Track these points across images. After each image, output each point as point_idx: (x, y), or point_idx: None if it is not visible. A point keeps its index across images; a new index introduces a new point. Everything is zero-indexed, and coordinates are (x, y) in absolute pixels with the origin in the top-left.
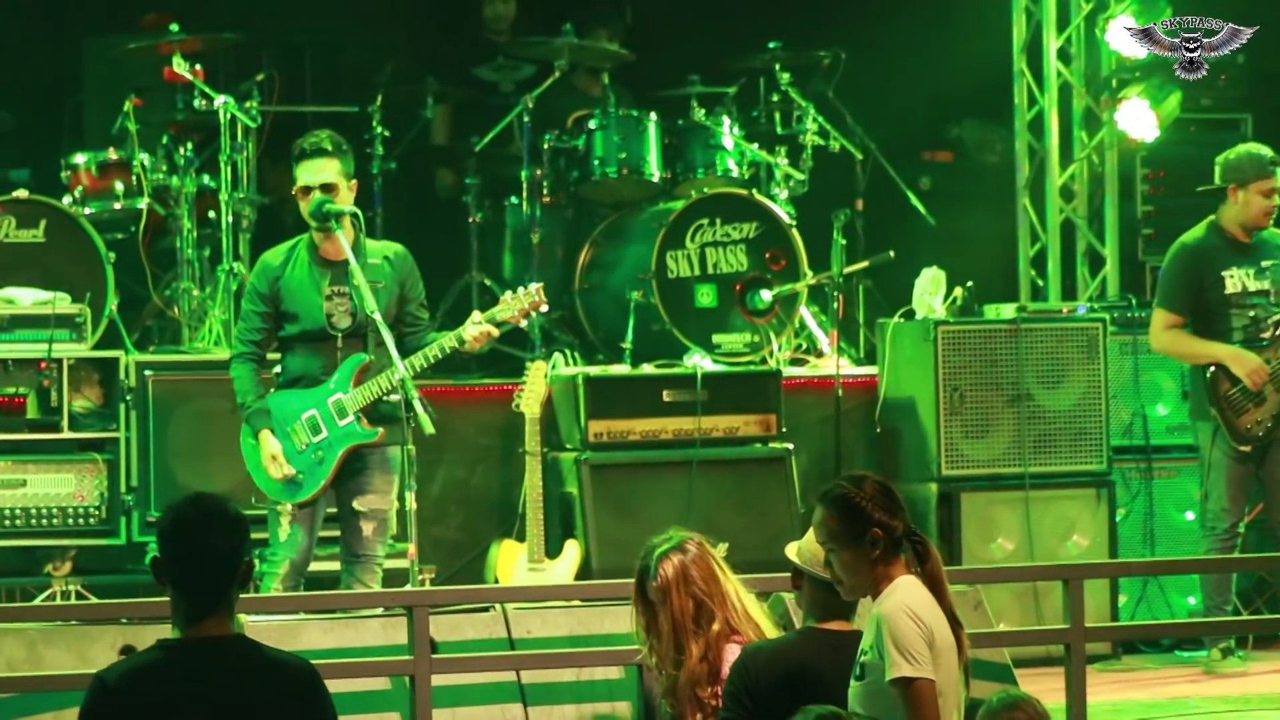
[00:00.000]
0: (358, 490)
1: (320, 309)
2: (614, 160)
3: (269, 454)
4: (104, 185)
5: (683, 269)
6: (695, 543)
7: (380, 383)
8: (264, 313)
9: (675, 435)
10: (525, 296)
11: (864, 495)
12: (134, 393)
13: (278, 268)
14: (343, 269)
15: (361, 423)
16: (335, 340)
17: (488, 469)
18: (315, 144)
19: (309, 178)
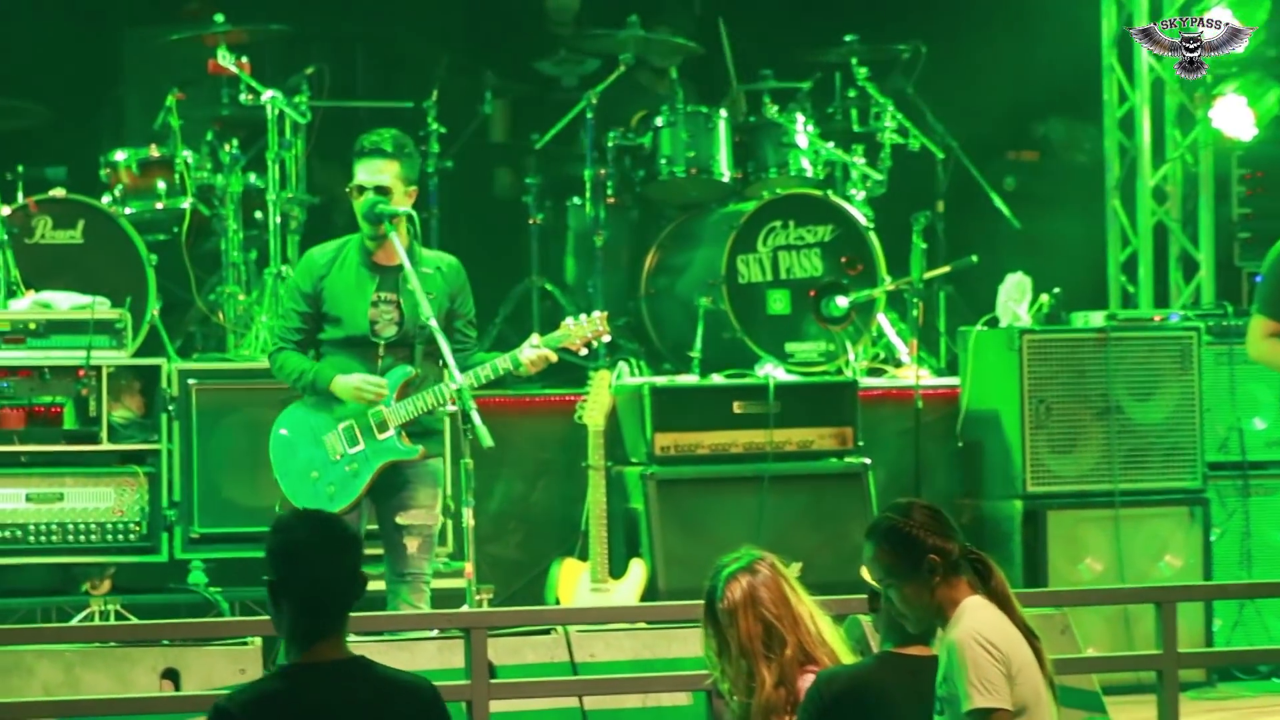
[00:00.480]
0: (400, 505)
1: (365, 315)
2: (682, 159)
3: (356, 382)
4: (145, 184)
5: (754, 274)
6: (766, 563)
7: (426, 398)
8: (305, 313)
9: (746, 449)
10: (588, 325)
11: (914, 523)
12: (176, 402)
13: (324, 266)
14: (393, 275)
15: (403, 439)
16: (378, 349)
17: (549, 484)
18: (375, 143)
19: (365, 176)
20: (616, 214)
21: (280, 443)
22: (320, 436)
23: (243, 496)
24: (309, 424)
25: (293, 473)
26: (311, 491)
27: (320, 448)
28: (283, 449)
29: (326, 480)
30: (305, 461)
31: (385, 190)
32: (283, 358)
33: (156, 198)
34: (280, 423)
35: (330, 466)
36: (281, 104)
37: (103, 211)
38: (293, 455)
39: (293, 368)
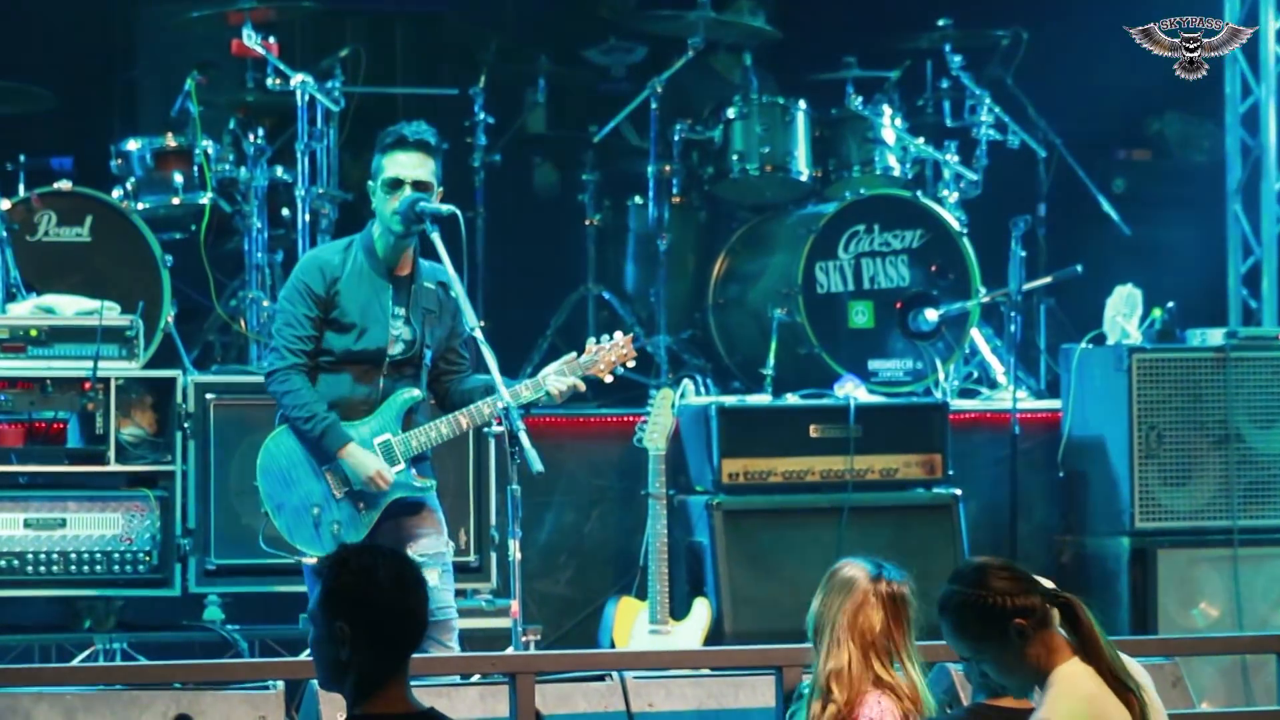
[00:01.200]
0: (407, 537)
1: (385, 327)
2: (755, 155)
3: (371, 471)
4: (160, 177)
5: (834, 283)
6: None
7: (440, 429)
8: (316, 318)
9: (823, 477)
10: (612, 348)
11: (992, 591)
12: (193, 419)
13: (337, 267)
14: (405, 285)
15: (413, 472)
16: (381, 368)
17: (604, 514)
18: (418, 133)
19: (404, 170)
20: (682, 215)
21: (273, 474)
22: (320, 469)
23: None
24: (304, 453)
25: (289, 508)
26: (312, 530)
27: (320, 481)
28: (276, 480)
29: (330, 518)
30: (304, 496)
31: (426, 186)
32: (295, 381)
33: (173, 192)
34: (272, 450)
35: (334, 503)
36: (312, 90)
37: (113, 207)
38: (288, 488)
39: (303, 402)
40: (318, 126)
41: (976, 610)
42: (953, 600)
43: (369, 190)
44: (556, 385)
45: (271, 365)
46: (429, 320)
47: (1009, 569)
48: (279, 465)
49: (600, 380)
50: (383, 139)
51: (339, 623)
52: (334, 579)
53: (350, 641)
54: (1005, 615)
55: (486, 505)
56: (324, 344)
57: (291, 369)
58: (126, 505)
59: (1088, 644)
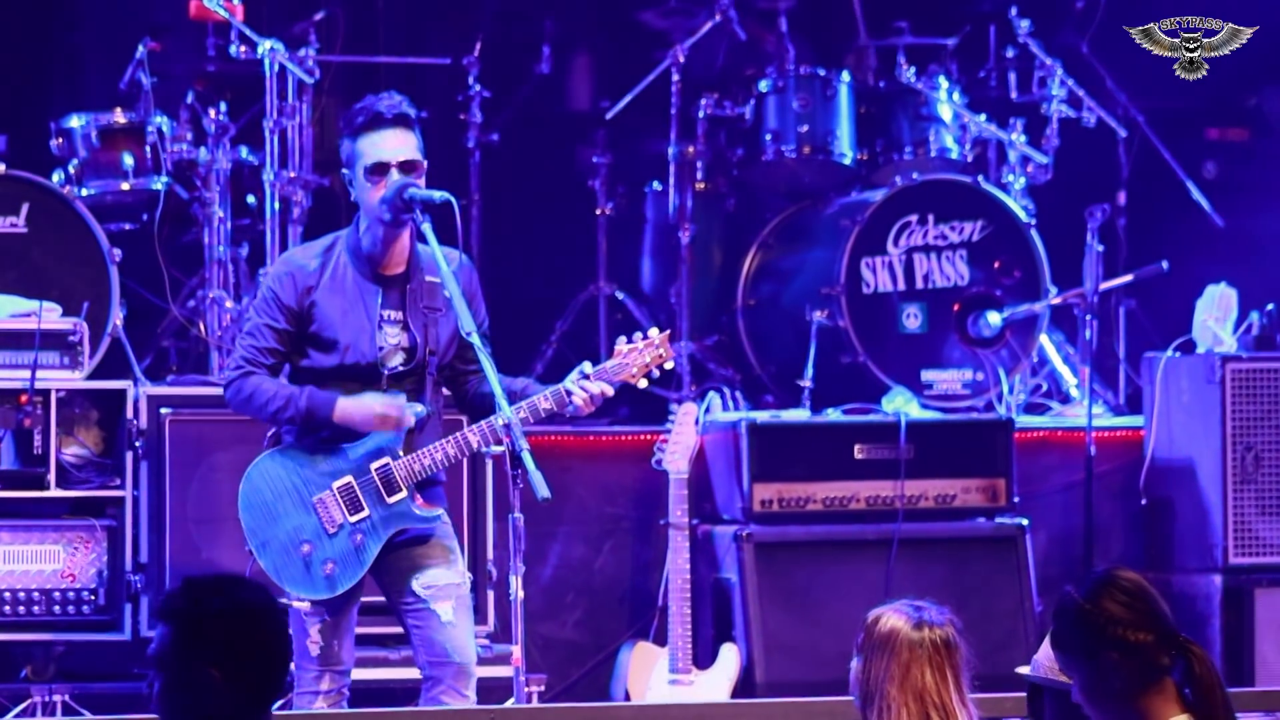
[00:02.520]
0: (413, 567)
1: (371, 338)
2: (792, 134)
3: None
4: (108, 158)
5: (883, 282)
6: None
7: (447, 448)
8: (285, 332)
9: (870, 505)
10: (646, 349)
11: (1101, 610)
12: (145, 437)
13: (313, 274)
14: (398, 285)
15: (416, 500)
16: (380, 383)
17: (617, 546)
18: (395, 108)
19: (385, 152)
20: (708, 204)
21: (256, 507)
22: (309, 500)
23: (228, 558)
24: (292, 483)
25: (276, 545)
26: (303, 569)
27: (310, 515)
28: (260, 515)
29: (322, 556)
30: (292, 532)
31: (414, 167)
32: (254, 383)
33: (122, 176)
34: (254, 479)
35: (326, 539)
36: (282, 58)
37: (53, 192)
38: (273, 523)
39: (269, 394)
40: (288, 101)
41: (1076, 622)
42: (1061, 602)
43: (345, 180)
44: (585, 392)
45: (226, 376)
46: (432, 321)
47: (1135, 594)
48: (263, 498)
49: (633, 387)
50: (352, 120)
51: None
52: (196, 617)
53: (218, 690)
54: (1103, 641)
55: (483, 536)
56: (304, 362)
57: (247, 374)
58: (69, 536)
59: (1205, 704)
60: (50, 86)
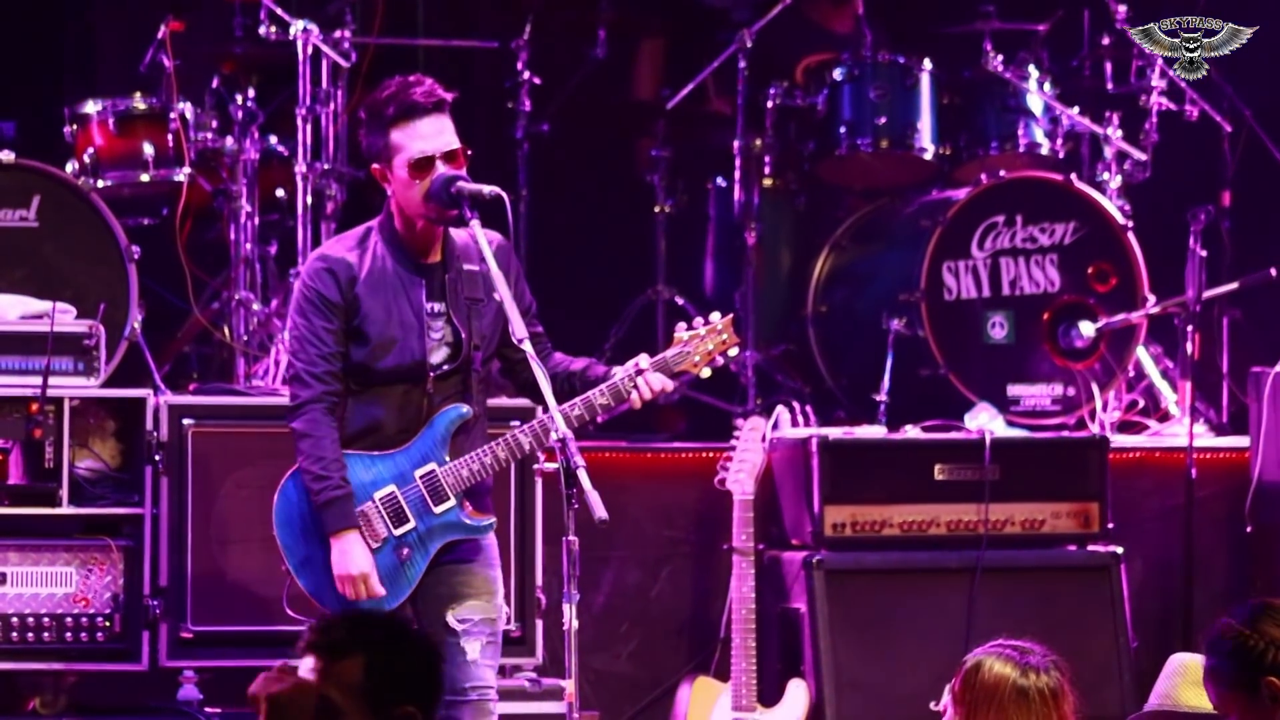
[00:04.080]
0: (450, 596)
1: (420, 334)
2: (868, 127)
3: (358, 569)
4: (126, 148)
5: (966, 288)
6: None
7: (497, 451)
8: (339, 332)
9: (951, 530)
10: (709, 335)
11: (1261, 634)
12: (166, 450)
13: (354, 265)
14: (438, 272)
15: (465, 508)
16: (426, 383)
17: (676, 573)
18: (433, 94)
19: (427, 144)
20: (776, 201)
21: (294, 524)
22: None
23: (256, 582)
24: None
25: (316, 563)
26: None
27: None
28: (297, 532)
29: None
30: None
31: (458, 157)
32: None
33: (141, 167)
34: (289, 493)
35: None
36: (316, 40)
37: (66, 184)
38: (312, 539)
39: (320, 458)
40: (322, 86)
41: (1232, 649)
42: (1214, 631)
43: (377, 176)
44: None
45: (296, 398)
46: (476, 312)
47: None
48: (300, 513)
49: (696, 376)
50: (380, 110)
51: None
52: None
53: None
54: (1261, 667)
55: (531, 561)
56: (353, 362)
57: (319, 403)
58: (82, 557)
59: None
60: (64, 69)
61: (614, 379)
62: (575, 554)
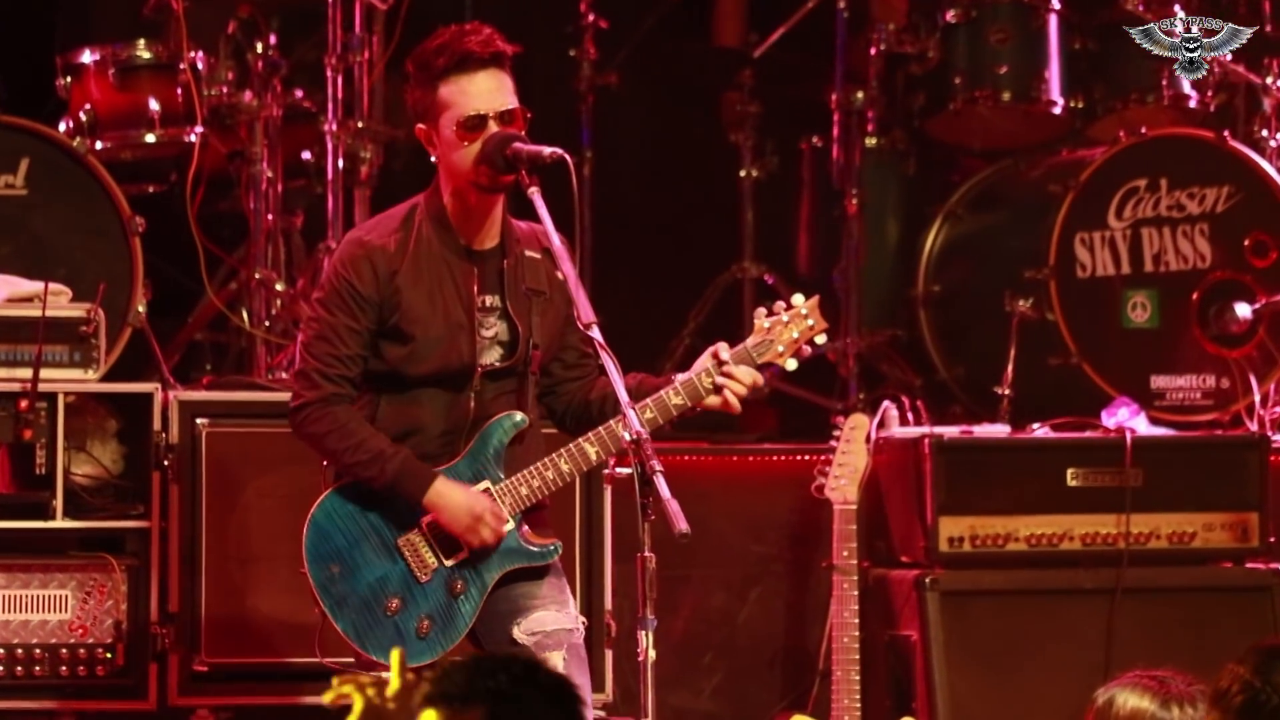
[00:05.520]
0: (515, 610)
1: (470, 331)
2: (987, 77)
3: (471, 513)
4: (128, 103)
5: (1102, 263)
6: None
7: (560, 464)
8: (365, 333)
9: (1086, 544)
10: (794, 321)
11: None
12: (176, 453)
13: (394, 255)
14: (494, 259)
15: (523, 532)
16: (471, 382)
17: (766, 595)
18: (488, 44)
19: (482, 100)
20: (881, 164)
21: (327, 557)
22: (392, 542)
23: (280, 607)
24: (370, 522)
25: (355, 603)
26: (392, 631)
27: (395, 561)
28: (331, 566)
29: (415, 611)
30: (374, 585)
31: (514, 118)
32: (336, 414)
33: (146, 126)
34: (320, 523)
35: (418, 590)
36: None
37: (59, 145)
38: (350, 576)
39: (355, 440)
40: (355, 33)
41: (1241, 703)
42: (1221, 681)
43: (422, 138)
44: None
45: (299, 398)
46: (537, 306)
47: None
48: (334, 545)
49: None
50: (429, 61)
51: None
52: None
53: None
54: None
55: (600, 582)
56: (388, 364)
57: (328, 401)
58: (79, 578)
59: None
60: (55, 12)
61: (689, 374)
62: (651, 573)
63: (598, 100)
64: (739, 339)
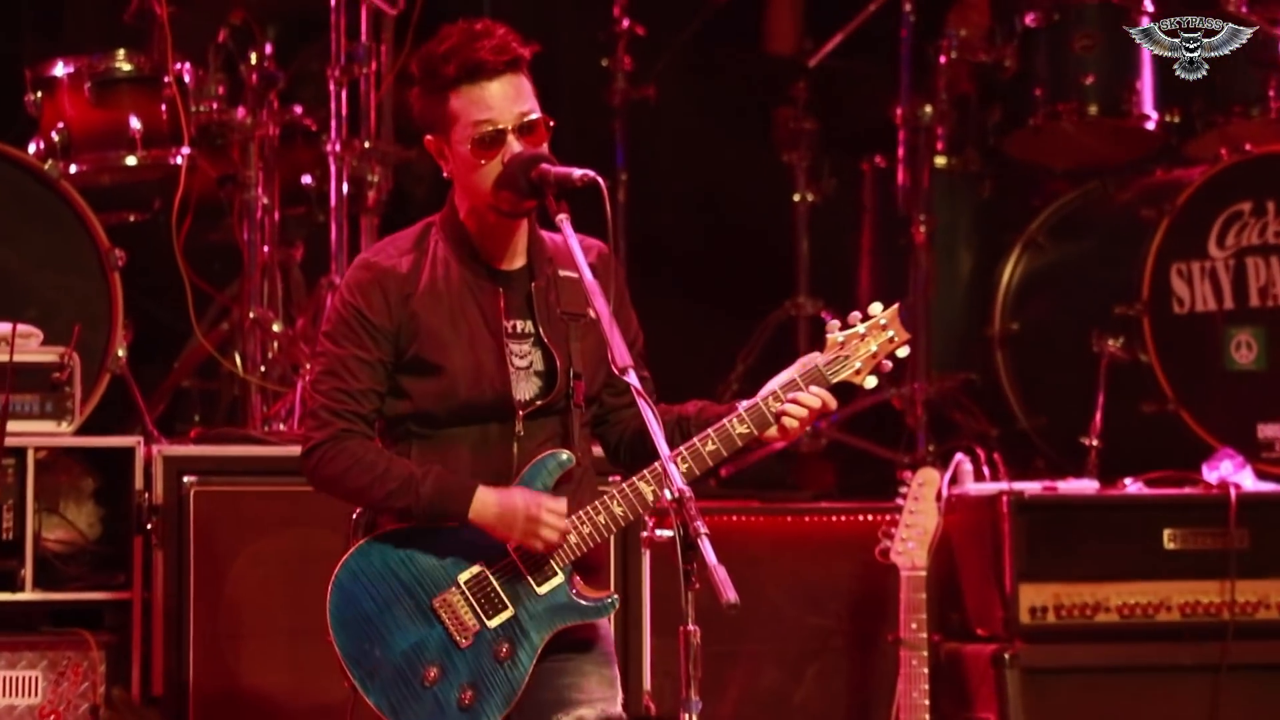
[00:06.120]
0: (559, 702)
1: (499, 358)
2: (1071, 88)
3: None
4: (106, 122)
5: (1202, 297)
6: None
7: (612, 508)
8: (379, 365)
9: (1186, 615)
10: (871, 334)
11: None
12: (161, 516)
13: (407, 278)
14: (522, 280)
15: (575, 585)
16: (513, 423)
17: (826, 673)
18: (503, 49)
19: (498, 110)
20: (952, 187)
21: (356, 623)
22: (427, 604)
23: (281, 688)
24: (401, 582)
25: (388, 673)
26: (433, 704)
27: (432, 625)
28: (361, 633)
29: (456, 680)
30: (409, 652)
31: (536, 130)
32: (353, 452)
33: (126, 147)
34: (346, 585)
35: (458, 657)
36: None
37: (29, 170)
38: (382, 642)
39: (379, 470)
40: (361, 41)
41: None
42: None
43: (432, 152)
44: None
45: (308, 440)
46: (575, 331)
47: None
48: (363, 610)
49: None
50: (436, 69)
51: None
52: None
53: None
54: None
55: (638, 658)
56: (414, 403)
57: (339, 438)
58: (51, 656)
59: None
60: (20, 21)
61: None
62: (696, 648)
63: (633, 115)
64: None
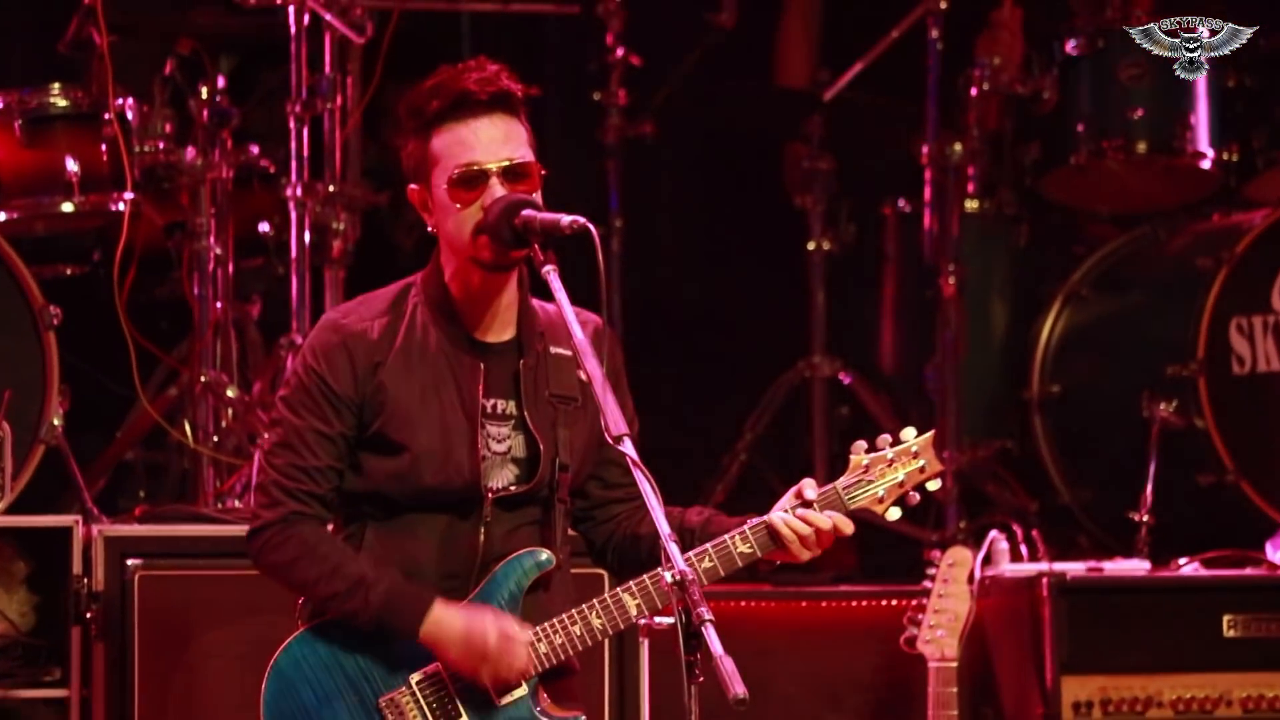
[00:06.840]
0: None
1: (471, 441)
2: (1118, 123)
3: (492, 642)
4: (39, 164)
5: (1265, 356)
6: None
7: (591, 619)
8: (339, 439)
9: (1249, 710)
10: (900, 460)
11: None
12: (102, 604)
13: (377, 345)
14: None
15: (540, 701)
16: (480, 512)
17: None
18: (491, 83)
19: (480, 151)
20: (986, 233)
21: (288, 711)
22: (372, 702)
23: None
24: (346, 676)
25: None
26: None
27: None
28: None
29: None
30: None
31: (524, 175)
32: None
33: (62, 191)
34: (285, 673)
35: None
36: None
37: None
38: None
39: (328, 566)
40: (325, 73)
41: None
42: None
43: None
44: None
45: (257, 519)
46: (564, 417)
47: None
48: (301, 701)
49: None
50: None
51: None
52: None
53: None
54: None
55: None
56: (373, 483)
57: (288, 522)
58: None
59: None
60: None
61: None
62: None
63: (629, 155)
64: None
